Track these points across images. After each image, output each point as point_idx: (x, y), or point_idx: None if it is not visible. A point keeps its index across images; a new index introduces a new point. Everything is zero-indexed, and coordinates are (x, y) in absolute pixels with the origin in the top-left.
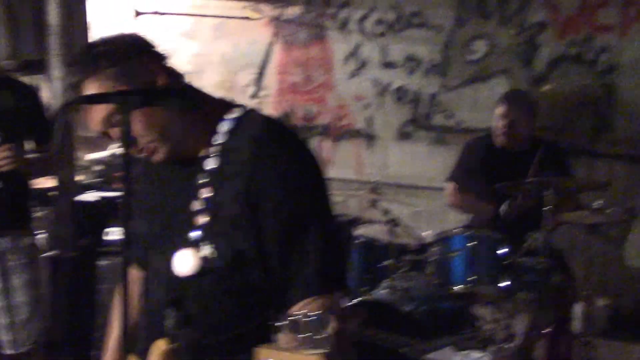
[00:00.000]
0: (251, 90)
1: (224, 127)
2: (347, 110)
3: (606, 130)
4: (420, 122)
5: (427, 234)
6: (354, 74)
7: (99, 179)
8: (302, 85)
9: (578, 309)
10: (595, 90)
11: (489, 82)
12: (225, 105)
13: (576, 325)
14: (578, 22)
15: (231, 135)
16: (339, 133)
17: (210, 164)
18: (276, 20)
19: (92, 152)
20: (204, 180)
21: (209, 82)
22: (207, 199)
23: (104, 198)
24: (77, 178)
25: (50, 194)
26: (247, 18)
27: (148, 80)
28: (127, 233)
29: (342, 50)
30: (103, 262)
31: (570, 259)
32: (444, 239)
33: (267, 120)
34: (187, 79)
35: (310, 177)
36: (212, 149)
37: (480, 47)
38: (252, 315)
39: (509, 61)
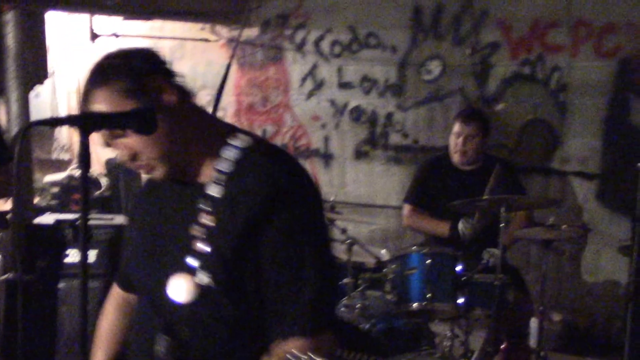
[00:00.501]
0: (209, 111)
1: (230, 154)
2: (304, 130)
3: (558, 148)
4: (376, 141)
5: (384, 252)
6: (310, 95)
7: (56, 201)
8: (259, 105)
9: (533, 324)
10: (548, 108)
11: (444, 102)
12: (230, 130)
13: (532, 340)
14: (530, 42)
15: (238, 165)
16: (296, 153)
17: (214, 190)
18: (233, 42)
19: (49, 175)
20: (206, 206)
21: None
22: (208, 227)
23: (61, 220)
24: (35, 200)
25: (6, 216)
26: (205, 40)
27: (156, 97)
28: (84, 254)
29: (298, 71)
30: (62, 285)
31: (525, 274)
32: (400, 257)
33: (279, 155)
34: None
35: (317, 217)
36: (216, 175)
37: (434, 67)
38: (244, 346)
39: (463, 81)
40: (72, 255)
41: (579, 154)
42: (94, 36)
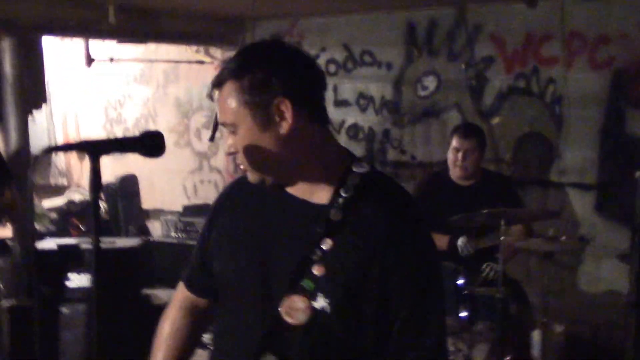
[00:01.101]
0: (207, 133)
1: (354, 181)
2: None
3: (555, 160)
4: (374, 158)
5: None
6: None
7: (54, 227)
8: None
9: (536, 336)
10: (544, 121)
11: (441, 117)
12: (349, 156)
13: (535, 352)
14: (524, 56)
15: (357, 191)
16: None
17: (334, 214)
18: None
19: (47, 200)
20: (326, 229)
21: (163, 126)
22: (326, 250)
23: (63, 245)
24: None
25: (8, 242)
26: (200, 62)
27: (274, 119)
28: (97, 277)
29: None
30: (65, 310)
31: (526, 287)
32: None
33: (397, 185)
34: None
35: (434, 252)
36: (337, 199)
37: (430, 83)
38: None
39: (459, 95)
40: (74, 280)
41: (576, 165)
42: (90, 60)
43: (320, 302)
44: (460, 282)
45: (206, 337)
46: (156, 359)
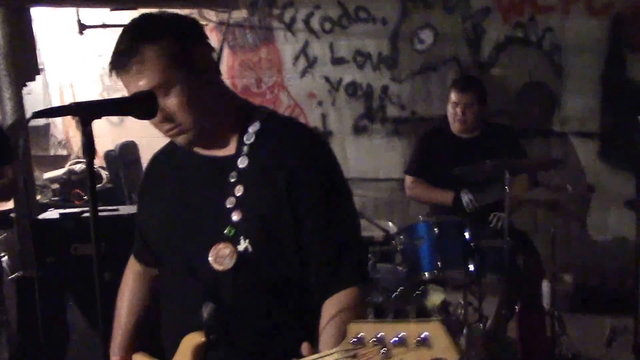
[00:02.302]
0: None
1: (254, 127)
2: (301, 109)
3: (557, 109)
4: (374, 115)
5: (392, 225)
6: (304, 73)
7: (57, 198)
8: (254, 87)
9: (545, 286)
10: (543, 70)
11: (439, 71)
12: (250, 107)
13: (544, 302)
14: (521, 5)
15: (259, 136)
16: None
17: (242, 162)
18: (222, 26)
19: (48, 172)
20: (237, 178)
21: None
22: (240, 197)
23: (65, 214)
24: (36, 197)
25: (10, 215)
26: None
27: (198, 67)
28: (97, 245)
29: (290, 50)
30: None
31: (534, 238)
32: (408, 228)
33: (293, 122)
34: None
35: (339, 173)
36: (242, 148)
37: (427, 37)
38: (286, 307)
39: (457, 48)
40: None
41: (578, 114)
42: (82, 27)
43: (243, 245)
44: (466, 235)
45: None
46: (120, 320)
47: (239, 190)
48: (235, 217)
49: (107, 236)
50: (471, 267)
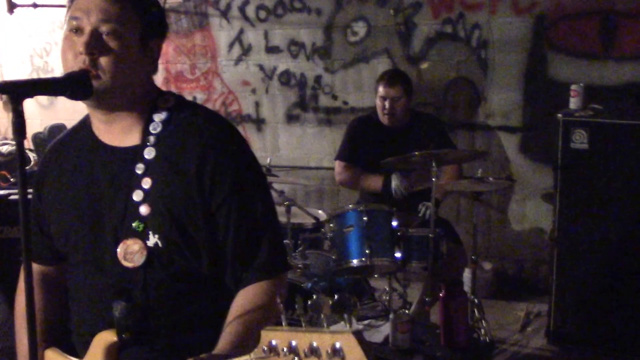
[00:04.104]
0: None
1: (160, 116)
2: (235, 96)
3: (482, 104)
4: (307, 104)
5: (322, 212)
6: (239, 60)
7: None
8: (187, 73)
9: (466, 273)
10: (470, 65)
11: (371, 62)
12: (157, 93)
13: (465, 288)
14: (451, 1)
15: (166, 125)
16: (228, 119)
17: (148, 153)
18: None
19: None
20: (143, 170)
21: None
22: (148, 189)
23: None
24: None
25: None
26: None
27: (151, 54)
28: (26, 229)
29: (225, 37)
30: None
31: (456, 226)
32: (338, 216)
33: (202, 110)
34: None
35: (253, 161)
36: (148, 138)
37: (360, 29)
38: (201, 302)
39: (389, 41)
40: (5, 232)
41: (501, 108)
42: (12, 6)
43: (152, 240)
44: (394, 223)
45: None
46: (21, 339)
47: (146, 183)
48: (143, 210)
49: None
50: (398, 255)
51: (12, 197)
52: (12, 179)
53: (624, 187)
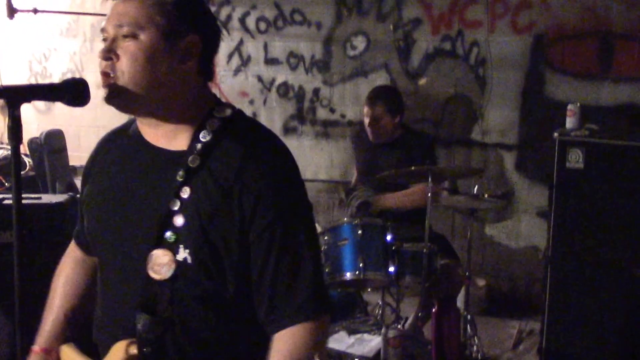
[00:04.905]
0: None
1: (213, 125)
2: None
3: (479, 121)
4: (304, 117)
5: (317, 225)
6: (237, 71)
7: None
8: None
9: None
10: (468, 83)
11: (369, 77)
12: (215, 102)
13: (458, 304)
14: (450, 18)
15: (217, 135)
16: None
17: (193, 161)
18: None
19: None
20: (184, 177)
21: (90, 81)
22: (186, 199)
23: None
24: None
25: None
26: None
27: (181, 54)
28: (19, 234)
29: (225, 47)
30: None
31: (451, 242)
32: (332, 229)
33: (257, 126)
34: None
35: (301, 187)
36: (195, 145)
37: (359, 43)
38: (228, 324)
39: (388, 56)
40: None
41: (498, 126)
42: (12, 11)
43: (182, 254)
44: (388, 238)
45: None
46: (52, 306)
47: (185, 192)
48: (178, 221)
49: (29, 224)
50: (391, 269)
51: (6, 201)
52: (7, 184)
53: (619, 208)
